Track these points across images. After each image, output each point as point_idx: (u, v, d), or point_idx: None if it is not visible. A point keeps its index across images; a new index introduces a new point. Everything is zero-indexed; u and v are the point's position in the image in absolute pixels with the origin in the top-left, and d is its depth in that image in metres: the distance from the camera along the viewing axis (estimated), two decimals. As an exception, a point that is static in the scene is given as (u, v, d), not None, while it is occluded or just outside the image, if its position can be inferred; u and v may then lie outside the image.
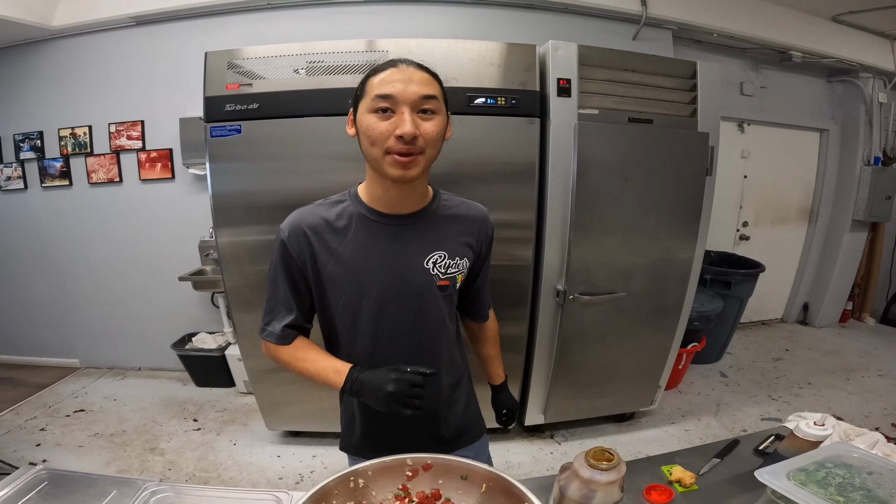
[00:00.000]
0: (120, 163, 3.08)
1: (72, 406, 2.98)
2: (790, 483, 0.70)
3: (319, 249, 0.96)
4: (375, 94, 0.84)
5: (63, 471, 1.04)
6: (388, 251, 0.96)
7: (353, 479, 0.90)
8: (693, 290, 2.42)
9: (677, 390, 3.24)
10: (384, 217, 0.97)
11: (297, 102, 1.95)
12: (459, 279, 1.03)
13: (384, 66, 0.86)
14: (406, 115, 0.83)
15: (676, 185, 2.19)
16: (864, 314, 4.57)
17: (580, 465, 0.84)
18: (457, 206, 1.04)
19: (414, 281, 0.98)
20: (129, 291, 3.29)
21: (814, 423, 1.03)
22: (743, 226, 4.14)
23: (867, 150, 3.93)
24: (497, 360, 1.30)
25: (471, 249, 1.04)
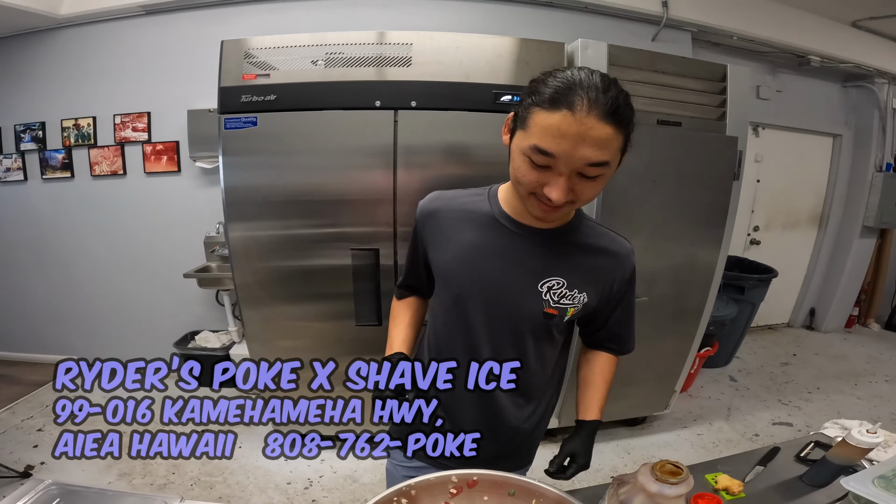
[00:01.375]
0: (124, 155, 3.00)
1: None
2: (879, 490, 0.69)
3: (437, 234, 0.95)
4: (534, 145, 0.70)
5: (73, 486, 0.97)
6: (507, 260, 0.90)
7: (397, 498, 0.85)
8: (714, 295, 2.38)
9: (688, 394, 3.23)
10: (514, 224, 0.90)
11: (315, 95, 1.89)
12: (570, 313, 0.92)
13: (557, 101, 0.67)
14: (561, 179, 0.71)
15: (703, 189, 2.16)
16: (870, 320, 4.60)
17: (646, 480, 0.80)
18: (597, 238, 0.94)
19: (522, 299, 0.90)
20: (130, 287, 3.22)
21: (866, 430, 1.01)
22: (754, 230, 4.14)
23: (879, 157, 3.93)
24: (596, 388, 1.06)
25: (595, 287, 0.92)
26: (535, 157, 0.71)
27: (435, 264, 0.97)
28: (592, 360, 1.09)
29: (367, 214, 2.00)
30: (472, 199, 0.95)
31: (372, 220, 2.00)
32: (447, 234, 0.94)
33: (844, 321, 4.51)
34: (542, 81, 0.72)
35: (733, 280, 3.48)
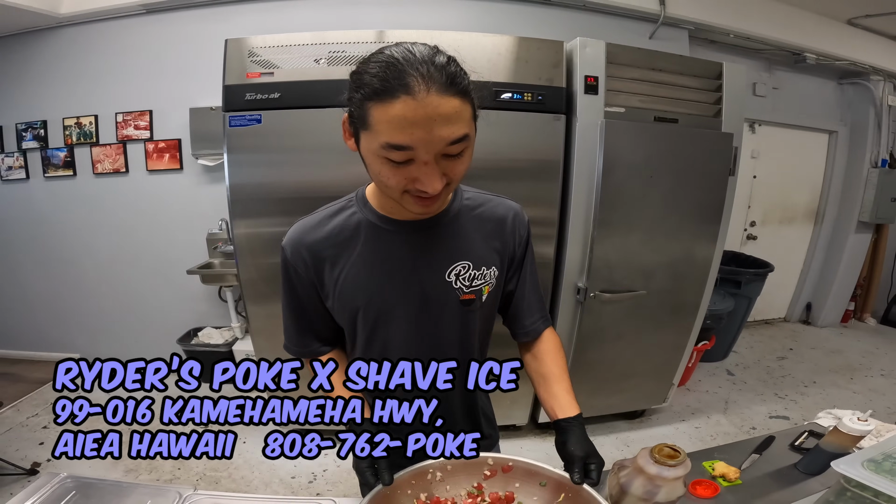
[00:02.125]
0: (126, 153, 3.02)
1: (75, 402, 2.93)
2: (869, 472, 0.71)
3: (325, 267, 0.84)
4: (385, 143, 0.62)
5: (88, 479, 0.99)
6: (403, 263, 0.83)
7: (432, 471, 0.87)
8: (710, 289, 2.42)
9: (686, 388, 3.26)
10: (397, 225, 0.82)
11: (319, 93, 1.91)
12: (486, 291, 0.87)
13: (390, 89, 0.59)
14: (429, 168, 0.64)
15: (699, 184, 2.19)
16: (866, 315, 4.63)
17: (645, 462, 0.83)
18: (482, 205, 0.89)
19: (434, 296, 0.84)
20: (133, 284, 3.24)
21: (857, 418, 1.04)
22: (751, 225, 4.18)
23: (875, 153, 3.96)
24: (561, 381, 0.93)
25: (499, 256, 0.89)
26: (392, 155, 0.63)
27: (338, 298, 0.86)
28: (538, 353, 0.98)
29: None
30: (337, 215, 0.86)
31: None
32: (337, 262, 0.84)
33: (840, 316, 4.54)
34: (364, 72, 0.63)
35: (730, 274, 3.52)
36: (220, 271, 2.93)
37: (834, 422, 1.39)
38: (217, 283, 3.01)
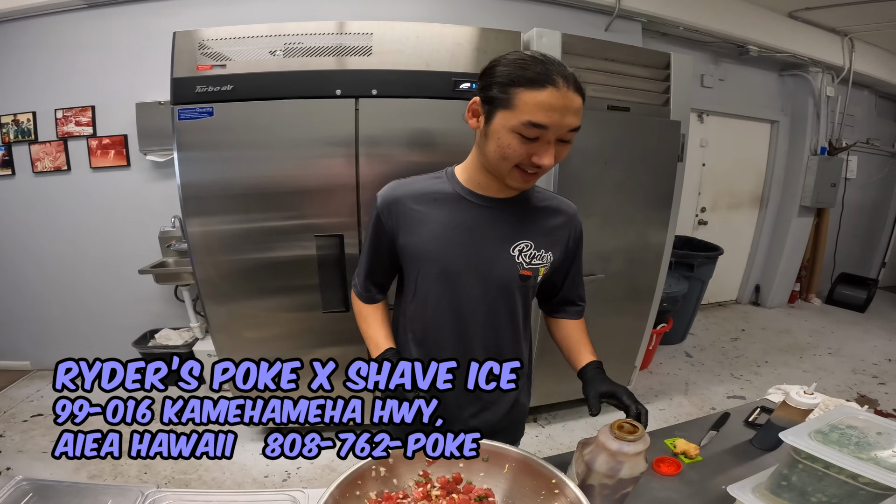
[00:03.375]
0: (68, 150, 2.86)
1: (28, 411, 2.77)
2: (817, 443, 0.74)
3: (407, 220, 0.96)
4: (528, 121, 0.77)
5: (46, 480, 0.95)
6: (476, 231, 0.95)
7: (375, 468, 0.88)
8: (665, 272, 2.52)
9: (648, 371, 3.38)
10: (479, 198, 0.96)
11: (274, 84, 1.87)
12: (542, 272, 1.00)
13: (542, 80, 0.76)
14: (550, 147, 0.80)
15: (651, 170, 2.27)
16: (811, 295, 4.90)
17: (606, 439, 0.85)
18: (549, 200, 1.03)
19: (497, 266, 0.96)
20: (81, 287, 3.08)
21: (804, 391, 1.10)
22: (701, 211, 4.35)
23: (814, 141, 4.19)
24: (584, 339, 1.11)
25: (557, 246, 1.01)
26: (527, 132, 0.78)
27: (409, 249, 0.98)
28: (564, 324, 1.15)
29: (330, 203, 2.00)
30: (431, 181, 0.99)
31: (335, 208, 2.01)
32: (417, 217, 0.96)
33: (787, 297, 4.80)
34: (508, 65, 0.80)
35: (683, 258, 3.67)
36: (175, 270, 2.83)
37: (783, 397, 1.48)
38: (172, 282, 2.91)
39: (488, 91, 0.83)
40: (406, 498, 0.87)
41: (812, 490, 0.74)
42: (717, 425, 1.28)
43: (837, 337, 4.06)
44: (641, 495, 0.98)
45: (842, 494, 0.71)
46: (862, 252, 5.35)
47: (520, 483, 0.89)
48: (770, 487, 0.81)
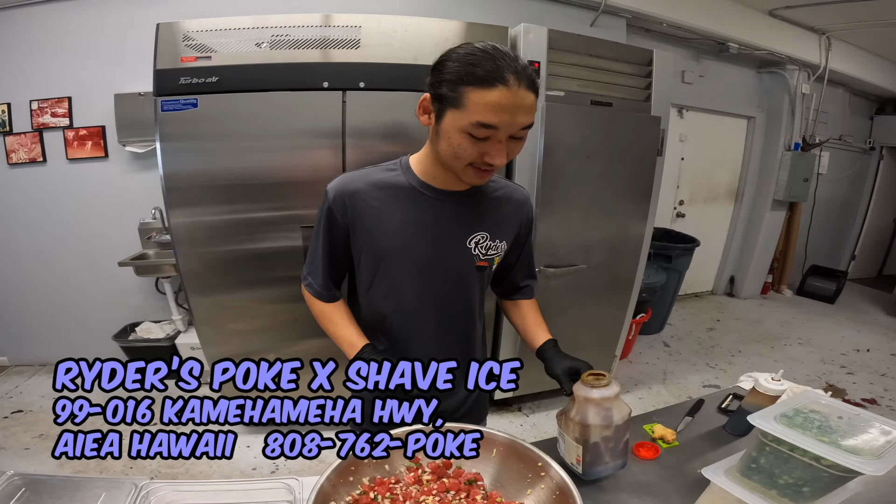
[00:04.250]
0: (43, 141, 2.79)
1: (8, 407, 2.72)
2: (781, 426, 0.77)
3: (363, 215, 0.94)
4: (478, 122, 0.75)
5: (38, 475, 0.94)
6: (433, 225, 0.95)
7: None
8: (644, 262, 2.59)
9: (628, 360, 3.46)
10: (435, 192, 0.95)
11: (260, 75, 1.86)
12: (497, 260, 1.02)
13: (492, 79, 0.73)
14: (501, 146, 0.79)
15: (632, 164, 2.33)
16: (783, 286, 5.06)
17: (587, 392, 0.89)
18: (502, 189, 1.03)
19: (455, 259, 0.97)
20: (60, 281, 3.02)
21: (772, 378, 1.16)
22: (679, 204, 4.45)
23: (788, 137, 4.31)
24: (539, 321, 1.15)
25: (511, 233, 1.03)
26: (477, 132, 0.77)
27: (369, 245, 0.96)
28: (518, 306, 1.18)
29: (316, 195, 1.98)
30: (386, 174, 0.96)
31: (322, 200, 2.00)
32: (374, 212, 0.94)
33: (760, 288, 4.95)
34: (458, 61, 0.77)
35: (661, 249, 3.75)
36: (156, 262, 2.79)
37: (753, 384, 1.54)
38: (153, 274, 2.87)
39: (438, 88, 0.79)
40: (398, 483, 0.89)
41: (779, 472, 0.78)
42: (692, 411, 1.33)
43: (807, 328, 4.21)
44: (623, 478, 1.02)
45: (807, 476, 0.75)
46: (832, 245, 5.54)
47: (507, 466, 0.91)
48: (741, 470, 0.85)
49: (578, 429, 0.92)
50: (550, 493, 0.83)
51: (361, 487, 0.86)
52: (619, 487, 1.02)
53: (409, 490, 0.88)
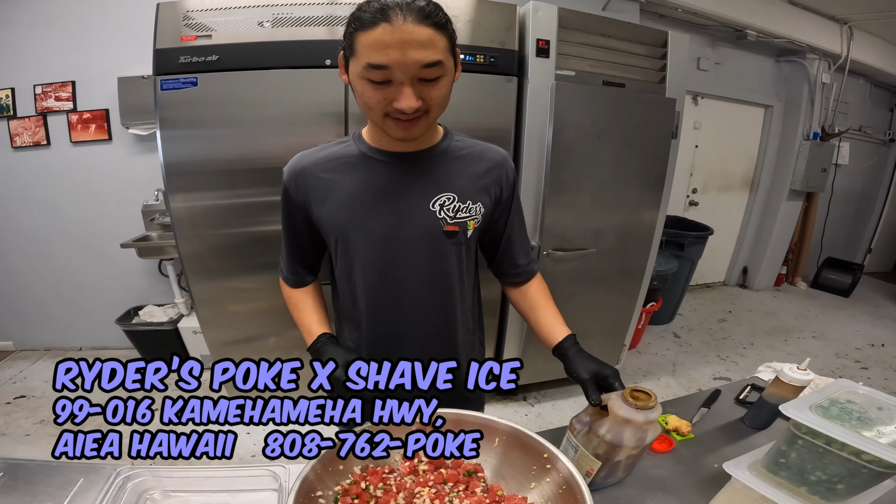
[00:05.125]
0: (47, 125, 2.76)
1: (11, 392, 2.71)
2: (818, 417, 0.70)
3: (315, 190, 0.90)
4: (367, 63, 0.71)
5: (18, 459, 0.92)
6: (390, 191, 0.88)
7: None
8: (655, 249, 2.52)
9: (637, 351, 3.40)
10: (387, 155, 0.89)
11: (262, 54, 1.81)
12: (472, 226, 0.92)
13: (374, 19, 0.69)
14: (406, 88, 0.72)
15: (645, 146, 2.25)
16: (797, 278, 4.95)
17: (629, 413, 0.81)
18: (470, 148, 0.95)
19: (417, 225, 0.89)
20: (63, 264, 3.01)
21: (797, 367, 1.09)
22: (693, 192, 4.36)
23: (807, 126, 4.19)
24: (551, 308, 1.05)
25: (487, 195, 0.94)
26: (372, 75, 0.72)
27: (323, 220, 0.91)
28: (528, 294, 1.07)
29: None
30: (337, 147, 0.93)
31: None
32: (325, 186, 0.90)
33: (774, 279, 4.85)
34: (358, 9, 0.73)
35: (673, 237, 3.68)
36: (159, 244, 2.76)
37: (773, 375, 1.47)
38: (156, 256, 2.84)
39: (343, 43, 0.78)
40: (392, 473, 0.84)
41: (811, 468, 0.71)
42: (707, 402, 1.27)
43: (822, 321, 4.11)
44: (634, 473, 0.97)
45: (842, 473, 0.68)
46: (849, 237, 5.41)
47: (510, 457, 0.86)
48: (767, 465, 0.78)
49: (605, 447, 0.84)
50: (556, 487, 0.77)
51: (352, 477, 0.82)
52: (629, 483, 0.96)
53: (404, 481, 0.82)
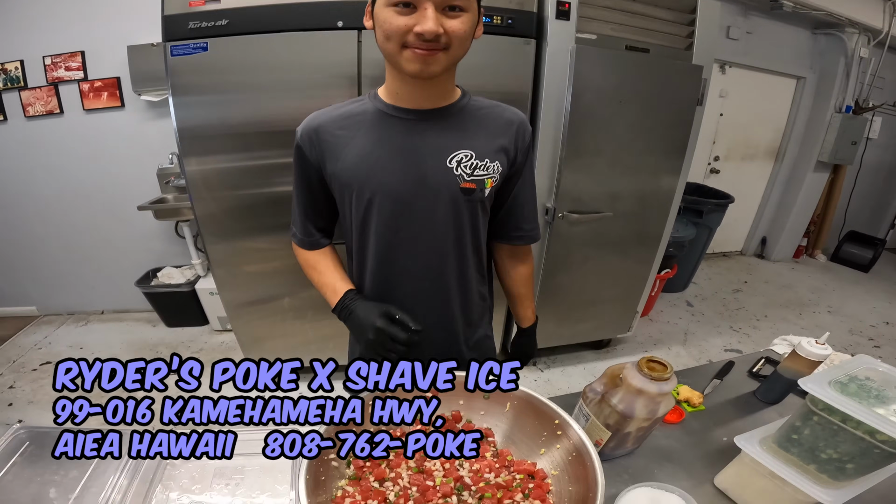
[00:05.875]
0: (59, 94, 2.76)
1: (37, 359, 2.80)
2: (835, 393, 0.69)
3: (330, 147, 0.89)
4: None
5: (43, 427, 0.93)
6: (404, 147, 0.87)
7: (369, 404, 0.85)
8: (674, 216, 2.48)
9: (649, 318, 3.39)
10: (403, 112, 0.87)
11: (271, 17, 1.75)
12: (489, 184, 0.91)
13: None
14: (429, 11, 0.72)
15: (668, 112, 2.18)
16: (817, 251, 4.84)
17: (643, 383, 0.81)
18: (489, 108, 0.93)
19: (433, 181, 0.87)
20: (83, 229, 3.07)
21: (815, 341, 1.06)
22: (714, 160, 4.25)
23: (840, 99, 4.03)
24: (529, 299, 1.18)
25: (504, 154, 0.92)
26: None
27: (336, 177, 0.91)
28: (516, 275, 1.14)
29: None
30: (353, 105, 0.92)
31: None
32: (341, 142, 0.89)
33: (793, 251, 4.75)
34: None
35: (692, 204, 3.61)
36: (175, 205, 2.79)
37: (789, 348, 1.44)
38: (172, 217, 2.87)
39: None
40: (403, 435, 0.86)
41: (823, 445, 0.71)
42: (720, 374, 1.27)
43: (839, 295, 4.04)
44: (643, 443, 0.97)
45: (854, 452, 0.67)
46: (873, 212, 5.23)
47: (521, 423, 0.86)
48: (778, 441, 0.77)
49: (616, 417, 0.85)
50: (566, 454, 0.78)
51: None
52: (638, 453, 0.97)
53: (413, 448, 0.84)
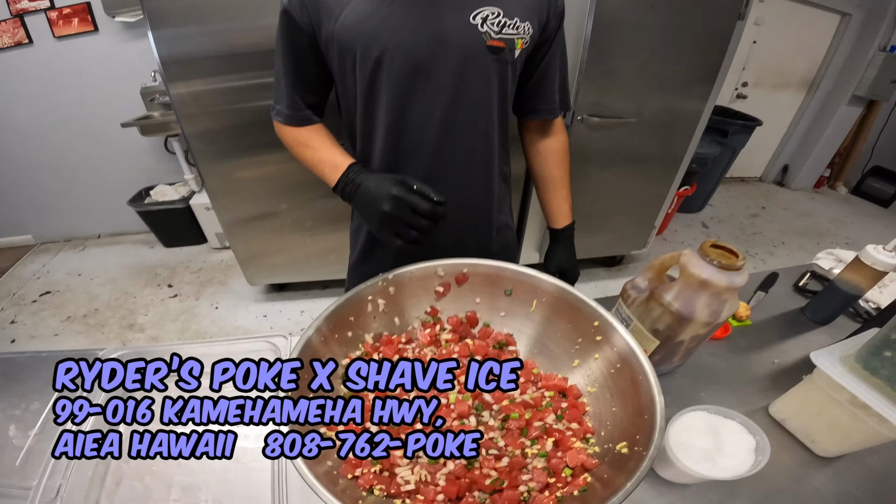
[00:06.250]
0: (26, 25, 2.55)
1: (36, 289, 2.74)
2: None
3: (327, 5, 0.73)
4: None
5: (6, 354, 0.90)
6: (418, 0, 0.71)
7: (371, 298, 0.72)
8: (700, 131, 2.29)
9: (663, 237, 3.28)
10: None
11: None
12: (520, 45, 0.77)
13: None
14: None
15: (704, 22, 1.93)
16: (839, 183, 4.66)
17: (710, 271, 0.63)
18: None
19: (454, 39, 0.73)
20: (71, 154, 2.95)
21: (883, 248, 0.89)
22: (742, 85, 4.03)
23: (886, 39, 3.78)
24: (564, 187, 0.99)
25: (536, 15, 0.78)
26: None
27: (335, 37, 0.75)
28: (546, 153, 0.98)
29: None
30: None
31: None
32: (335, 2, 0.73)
33: (815, 181, 4.58)
34: None
35: (718, 123, 3.44)
36: (162, 120, 2.63)
37: (835, 263, 1.29)
38: (161, 132, 2.71)
39: None
40: (410, 343, 0.75)
41: None
42: (764, 286, 1.14)
43: (857, 228, 3.89)
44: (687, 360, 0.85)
45: None
46: (901, 150, 4.99)
47: (551, 327, 0.73)
48: (863, 360, 0.64)
49: (668, 320, 0.67)
50: (608, 366, 0.64)
51: (363, 347, 0.72)
52: (680, 371, 0.85)
53: (424, 353, 0.72)
